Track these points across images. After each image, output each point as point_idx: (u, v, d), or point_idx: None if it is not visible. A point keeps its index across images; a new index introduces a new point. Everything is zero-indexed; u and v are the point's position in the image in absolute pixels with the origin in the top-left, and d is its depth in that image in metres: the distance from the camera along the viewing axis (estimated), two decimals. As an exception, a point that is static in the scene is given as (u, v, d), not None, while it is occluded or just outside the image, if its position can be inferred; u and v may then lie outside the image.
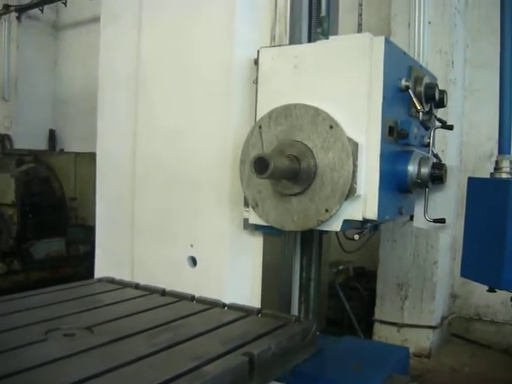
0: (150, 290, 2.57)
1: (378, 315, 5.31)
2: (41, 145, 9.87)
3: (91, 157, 5.58)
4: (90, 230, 4.29)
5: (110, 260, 3.26)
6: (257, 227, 2.67)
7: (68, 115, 10.35)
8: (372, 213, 2.32)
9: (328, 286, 5.01)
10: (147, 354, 1.75)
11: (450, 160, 4.52)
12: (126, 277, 2.87)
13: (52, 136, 10.49)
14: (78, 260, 5.87)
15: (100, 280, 2.86)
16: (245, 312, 2.26)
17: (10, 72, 11.96)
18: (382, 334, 5.26)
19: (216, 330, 2.02)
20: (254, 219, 2.59)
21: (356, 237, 2.49)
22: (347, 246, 3.99)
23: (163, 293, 2.53)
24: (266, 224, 2.54)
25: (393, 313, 5.21)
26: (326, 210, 2.30)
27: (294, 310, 3.04)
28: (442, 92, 2.78)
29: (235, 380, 1.67)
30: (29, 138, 10.12)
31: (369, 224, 2.47)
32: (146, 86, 3.05)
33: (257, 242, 2.80)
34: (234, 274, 2.77)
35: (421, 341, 5.15)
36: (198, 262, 2.84)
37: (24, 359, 1.69)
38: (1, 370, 1.57)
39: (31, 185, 6.59)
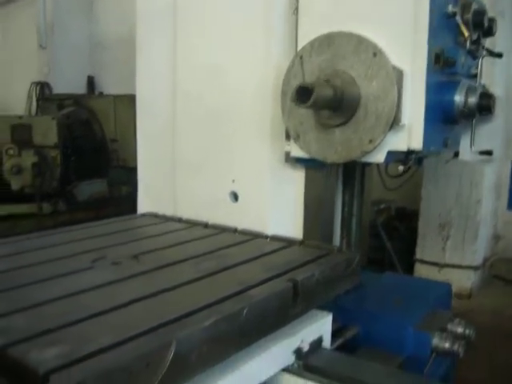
0: (193, 223, 2.60)
1: (419, 255, 5.28)
2: (79, 91, 9.94)
3: (130, 99, 5.61)
4: (132, 172, 4.32)
5: (152, 197, 3.30)
6: (298, 160, 2.65)
7: (105, 60, 10.37)
8: (417, 143, 2.27)
9: (369, 226, 5.02)
10: (192, 279, 1.79)
11: (497, 92, 4.38)
12: (168, 213, 2.92)
13: (90, 82, 10.55)
14: (120, 201, 5.96)
15: (143, 215, 2.91)
16: (287, 242, 2.27)
17: (46, 19, 12.02)
18: (422, 273, 5.23)
19: (259, 258, 2.05)
20: (296, 152, 2.56)
21: (400, 168, 2.45)
22: (389, 184, 3.97)
23: (206, 225, 2.56)
24: (307, 157, 2.51)
25: (434, 253, 5.17)
26: (370, 141, 2.27)
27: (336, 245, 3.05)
28: (491, 20, 2.67)
29: (280, 305, 1.69)
30: (67, 85, 10.19)
31: (413, 155, 2.43)
32: (185, 22, 3.02)
33: (298, 176, 2.79)
34: (276, 209, 2.77)
35: (462, 281, 5.11)
36: (239, 196, 2.85)
37: (71, 285, 1.74)
38: (49, 295, 1.63)
39: (72, 128, 6.67)
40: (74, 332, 1.38)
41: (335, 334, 2.33)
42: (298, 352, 1.89)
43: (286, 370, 1.85)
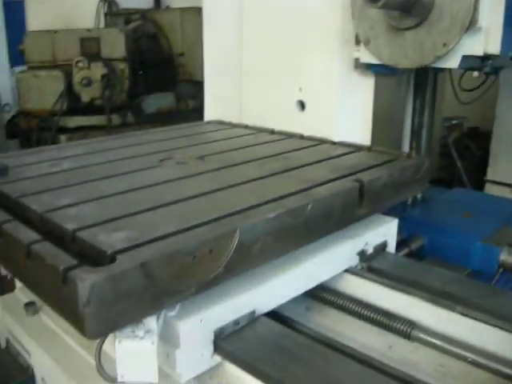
0: (259, 130, 2.58)
1: (490, 175, 5.11)
2: (146, 5, 9.85)
3: (197, 12, 5.52)
4: (198, 86, 4.29)
5: (219, 108, 3.29)
6: (368, 66, 2.55)
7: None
8: (494, 47, 2.13)
9: (439, 145, 4.86)
10: (258, 177, 1.78)
11: None
12: (234, 122, 2.91)
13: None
14: (187, 115, 5.97)
15: (209, 122, 2.91)
16: (355, 148, 2.22)
17: None
18: (493, 194, 5.09)
19: (325, 161, 2.01)
20: (366, 58, 2.47)
21: (475, 74, 2.33)
22: (463, 99, 3.80)
23: (272, 132, 2.54)
24: (378, 62, 2.42)
25: (506, 173, 5.00)
26: (444, 44, 2.15)
27: (405, 156, 2.97)
28: None
29: (345, 204, 1.67)
30: (134, 0, 10.10)
31: (489, 62, 2.29)
32: None
33: (367, 84, 2.70)
34: (344, 117, 2.71)
35: (534, 202, 4.95)
36: (306, 105, 2.80)
37: (139, 180, 1.77)
38: (118, 188, 1.66)
39: (139, 42, 6.64)
40: (140, 220, 1.41)
41: (400, 245, 2.31)
42: (362, 254, 1.89)
43: (350, 271, 1.84)
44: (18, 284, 2.08)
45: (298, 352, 1.39)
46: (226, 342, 1.40)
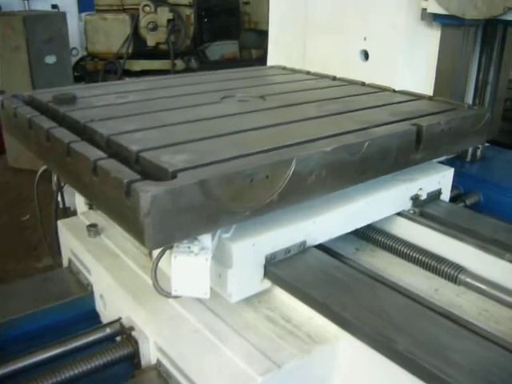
0: (321, 76, 2.58)
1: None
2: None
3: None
4: (263, 35, 4.29)
5: (282, 55, 3.29)
6: (435, 17, 2.50)
7: None
8: None
9: (503, 108, 4.72)
10: (316, 116, 1.80)
11: None
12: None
13: None
14: (250, 63, 5.97)
15: (272, 67, 2.92)
16: (416, 97, 2.20)
17: None
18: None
19: (385, 106, 2.00)
20: (433, 7, 2.41)
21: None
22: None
23: (334, 78, 2.53)
24: (445, 13, 2.36)
25: None
26: (516, -5, 2.08)
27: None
28: None
29: (402, 146, 1.67)
30: None
31: None
32: None
33: (433, 36, 2.64)
34: (407, 69, 2.67)
35: None
36: (370, 55, 2.77)
37: (201, 113, 1.81)
38: (180, 119, 1.71)
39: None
40: (201, 146, 1.46)
41: (455, 199, 2.29)
42: (415, 199, 1.89)
43: (402, 214, 1.85)
44: (80, 209, 2.19)
45: (346, 281, 1.43)
46: (277, 268, 1.45)
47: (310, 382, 1.37)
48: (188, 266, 1.29)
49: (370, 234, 1.83)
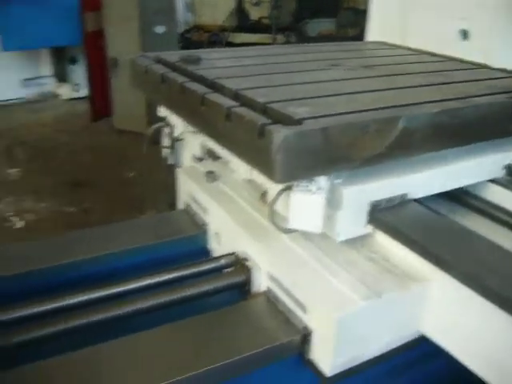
0: (421, 52, 2.67)
1: None
2: None
3: None
4: (359, 14, 4.37)
5: (381, 33, 3.37)
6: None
7: None
8: None
9: None
10: (420, 84, 1.92)
11: None
12: (396, 45, 3.00)
13: None
14: (346, 41, 6.06)
15: (373, 42, 3.04)
16: (514, 74, 2.27)
17: None
18: None
19: (484, 80, 2.09)
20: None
21: None
22: None
23: (433, 54, 2.62)
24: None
25: None
26: None
27: None
28: None
29: (499, 116, 1.77)
30: None
31: None
32: None
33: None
34: (506, 50, 2.72)
35: None
36: (469, 34, 2.82)
37: (314, 76, 1.98)
38: (298, 80, 1.88)
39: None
40: (320, 101, 1.63)
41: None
42: (509, 168, 1.98)
43: (494, 180, 1.95)
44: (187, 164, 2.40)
45: (443, 229, 1.58)
46: (380, 214, 1.60)
47: (404, 314, 1.53)
48: (304, 203, 1.46)
49: (462, 197, 1.94)
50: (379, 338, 1.53)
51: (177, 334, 1.56)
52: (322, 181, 1.46)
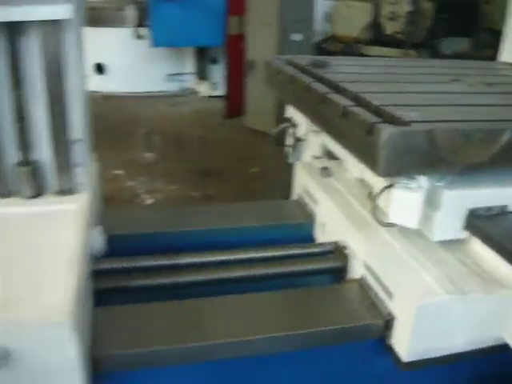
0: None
1: None
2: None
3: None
4: (496, 35, 4.30)
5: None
6: None
7: None
8: None
9: None
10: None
11: None
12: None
13: None
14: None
15: (504, 63, 3.05)
16: None
17: None
18: None
19: None
20: None
21: None
22: None
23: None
24: None
25: None
26: None
27: None
28: None
29: None
30: None
31: None
32: None
33: None
34: None
35: None
36: None
37: (433, 88, 2.08)
38: (415, 89, 1.99)
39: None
40: (432, 109, 1.73)
41: None
42: None
43: None
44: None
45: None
46: (477, 222, 1.67)
47: (486, 317, 1.60)
48: (404, 199, 1.58)
49: None
50: (458, 336, 1.61)
51: (277, 301, 1.75)
52: (423, 180, 1.57)
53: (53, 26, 1.63)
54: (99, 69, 8.04)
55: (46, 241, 1.55)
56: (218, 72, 8.09)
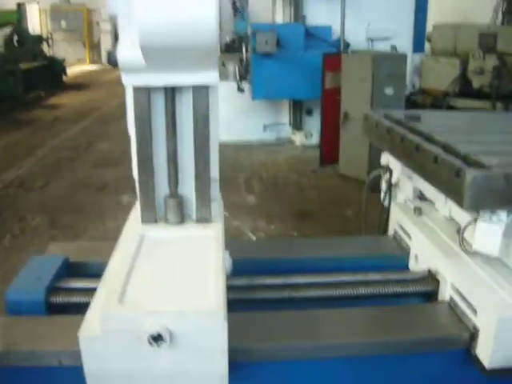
0: None
1: None
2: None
3: None
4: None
5: None
6: None
7: None
8: None
9: None
10: None
11: None
12: None
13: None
14: None
15: None
16: None
17: None
18: None
19: None
20: None
21: None
22: None
23: None
24: None
25: None
26: None
27: None
28: None
29: None
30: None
31: None
32: None
33: None
34: None
35: None
36: None
37: None
38: (497, 139, 2.27)
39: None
40: (509, 156, 2.00)
41: None
42: None
43: None
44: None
45: None
46: (551, 252, 1.92)
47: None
48: (486, 230, 1.87)
49: None
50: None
51: (377, 314, 2.06)
52: (503, 214, 1.85)
53: (202, 89, 2.06)
54: (204, 120, 8.66)
55: (196, 257, 1.95)
56: (313, 123, 8.53)
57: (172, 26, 1.74)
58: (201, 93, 2.08)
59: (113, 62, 2.00)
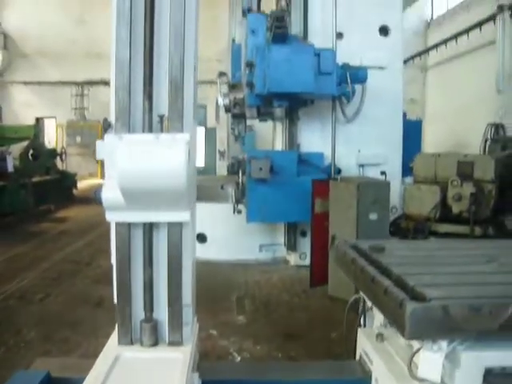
0: None
1: None
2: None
3: None
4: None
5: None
6: None
7: None
8: None
9: None
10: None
11: None
12: None
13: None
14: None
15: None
16: None
17: (504, 66, 12.96)
18: None
19: None
20: None
21: None
22: None
23: None
24: None
25: None
26: None
27: None
28: None
29: None
30: None
31: None
32: None
33: None
34: None
35: None
36: None
37: (465, 269, 2.52)
38: (448, 270, 2.45)
39: (510, 166, 7.29)
40: (454, 288, 2.16)
41: None
42: None
43: None
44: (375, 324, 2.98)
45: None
46: (493, 379, 2.03)
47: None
48: (428, 359, 1.99)
49: None
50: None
51: None
52: (442, 343, 1.98)
53: (177, 225, 2.29)
54: (201, 238, 8.88)
55: (162, 380, 2.07)
56: (306, 244, 8.72)
57: (147, 174, 2.00)
58: (175, 228, 2.30)
59: (98, 199, 2.24)
